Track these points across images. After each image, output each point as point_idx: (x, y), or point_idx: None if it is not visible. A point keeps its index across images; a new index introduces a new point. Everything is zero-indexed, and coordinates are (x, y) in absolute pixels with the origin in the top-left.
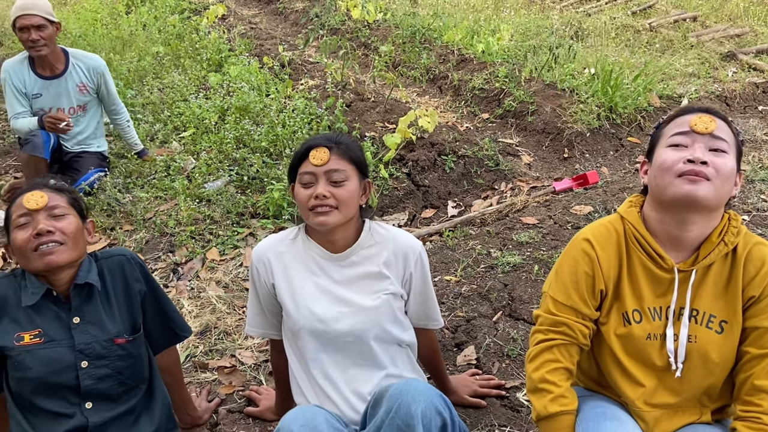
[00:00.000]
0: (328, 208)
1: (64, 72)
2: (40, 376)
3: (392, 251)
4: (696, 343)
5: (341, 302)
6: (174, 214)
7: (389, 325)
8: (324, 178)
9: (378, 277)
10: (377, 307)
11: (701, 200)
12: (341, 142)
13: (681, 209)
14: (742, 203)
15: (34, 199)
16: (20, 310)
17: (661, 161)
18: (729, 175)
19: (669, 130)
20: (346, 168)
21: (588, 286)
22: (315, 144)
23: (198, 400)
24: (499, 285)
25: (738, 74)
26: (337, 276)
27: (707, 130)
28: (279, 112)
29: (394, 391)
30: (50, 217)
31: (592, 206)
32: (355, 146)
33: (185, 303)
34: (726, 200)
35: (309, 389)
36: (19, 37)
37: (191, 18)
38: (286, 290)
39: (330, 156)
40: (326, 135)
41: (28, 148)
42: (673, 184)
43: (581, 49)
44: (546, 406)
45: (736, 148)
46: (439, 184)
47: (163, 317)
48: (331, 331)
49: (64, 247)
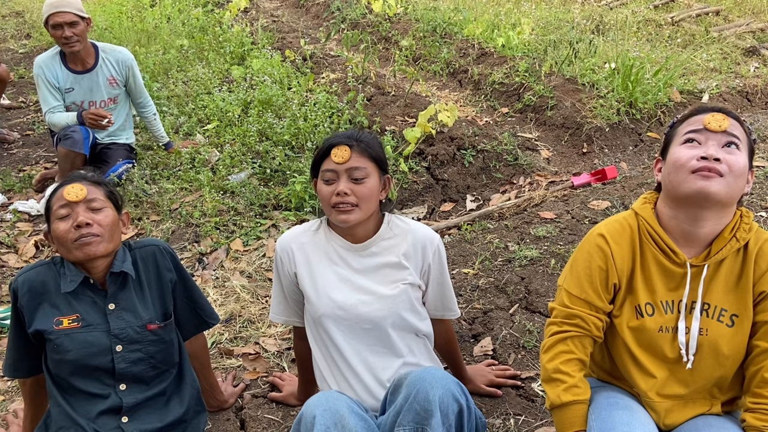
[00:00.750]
0: (349, 206)
1: (95, 66)
2: (78, 359)
3: (411, 243)
4: (707, 336)
5: (360, 290)
6: (199, 206)
7: (406, 313)
8: (345, 176)
9: (397, 267)
10: (395, 296)
11: (714, 195)
12: (361, 140)
13: (694, 205)
14: (761, 200)
15: (75, 192)
16: (59, 296)
17: (675, 158)
18: (741, 171)
19: (683, 129)
20: (366, 165)
21: (602, 280)
22: (336, 142)
23: (224, 384)
24: (516, 278)
25: (760, 69)
26: (357, 265)
27: (721, 128)
28: (301, 106)
29: (412, 378)
30: (89, 210)
31: (610, 201)
32: (375, 143)
33: (211, 292)
34: (738, 197)
35: (330, 376)
36: (52, 34)
37: (214, 11)
38: (308, 279)
39: (351, 154)
40: (347, 132)
41: (67, 143)
42: (687, 180)
43: (602, 43)
44: (559, 396)
45: (748, 146)
46: (458, 178)
47: (192, 305)
48: (351, 318)
49: (100, 238)
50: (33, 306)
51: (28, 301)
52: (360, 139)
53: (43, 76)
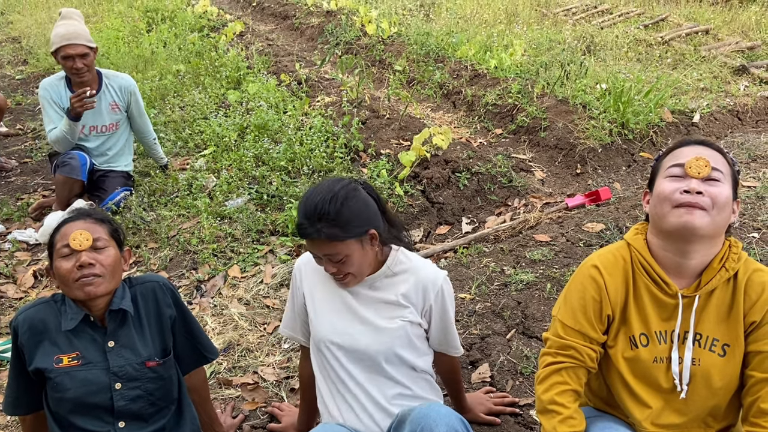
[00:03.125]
0: (343, 276)
1: (98, 92)
2: (78, 397)
3: (413, 284)
4: (700, 366)
5: (360, 320)
6: (197, 232)
7: (402, 350)
8: (327, 260)
9: (396, 305)
10: (392, 330)
11: (698, 230)
12: (324, 228)
13: (680, 239)
14: (752, 220)
15: (80, 240)
16: (60, 334)
17: (660, 191)
18: (725, 203)
19: (667, 162)
20: (343, 247)
21: (595, 311)
22: (305, 234)
23: (223, 416)
24: (512, 303)
25: (750, 88)
26: (359, 296)
27: (700, 175)
28: (297, 130)
29: (417, 415)
30: (92, 249)
31: (604, 224)
32: (343, 218)
33: (209, 320)
34: (724, 228)
35: (330, 398)
36: (63, 64)
37: (210, 36)
38: (313, 301)
39: (320, 246)
40: (312, 218)
41: (65, 170)
42: (672, 214)
43: (593, 63)
44: (555, 427)
45: (731, 177)
46: (453, 201)
47: (192, 341)
48: (347, 346)
49: (102, 279)
50: (33, 344)
51: (28, 339)
52: (321, 229)
53: (48, 97)
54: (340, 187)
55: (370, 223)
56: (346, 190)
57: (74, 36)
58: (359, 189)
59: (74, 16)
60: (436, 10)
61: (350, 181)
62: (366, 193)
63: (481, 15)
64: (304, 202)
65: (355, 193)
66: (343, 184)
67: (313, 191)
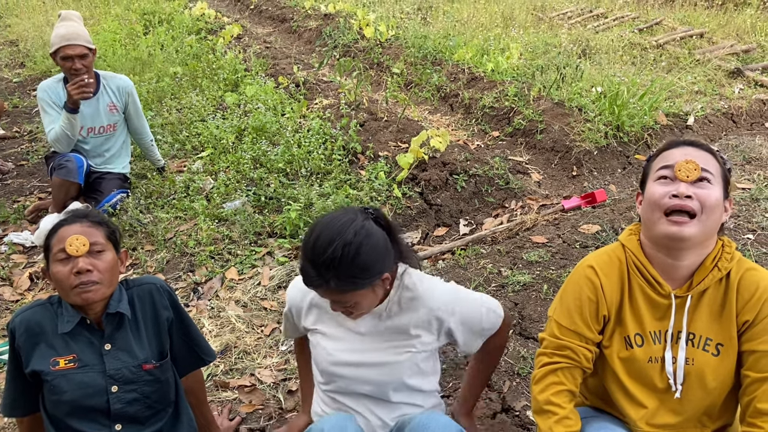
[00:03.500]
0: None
1: (96, 93)
2: (74, 400)
3: (425, 315)
4: (693, 365)
5: (364, 352)
6: (194, 234)
7: (410, 379)
8: (338, 305)
9: (405, 334)
10: (401, 363)
11: (688, 239)
12: (334, 280)
13: (670, 246)
14: (747, 222)
15: (77, 245)
16: (56, 337)
17: (649, 195)
18: (714, 206)
19: (657, 164)
20: (352, 296)
21: (591, 311)
22: (312, 284)
23: (220, 418)
24: (509, 304)
25: (744, 91)
26: (368, 326)
27: (689, 179)
28: (294, 132)
29: (416, 424)
30: (89, 254)
31: (600, 225)
32: (356, 270)
33: (206, 322)
34: (716, 229)
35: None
36: (62, 65)
37: (207, 38)
38: (315, 331)
39: (328, 293)
40: (320, 267)
41: (62, 172)
42: (661, 224)
43: (588, 67)
44: (551, 428)
45: (722, 177)
46: (450, 203)
47: (189, 343)
48: (351, 377)
49: (100, 284)
50: (30, 346)
51: (25, 341)
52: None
53: (47, 99)
54: (353, 231)
55: (384, 268)
56: (360, 236)
57: (74, 36)
58: (371, 228)
59: (73, 18)
60: (434, 13)
61: (362, 219)
62: (378, 228)
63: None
64: (311, 246)
65: (368, 239)
66: (356, 227)
67: (320, 232)
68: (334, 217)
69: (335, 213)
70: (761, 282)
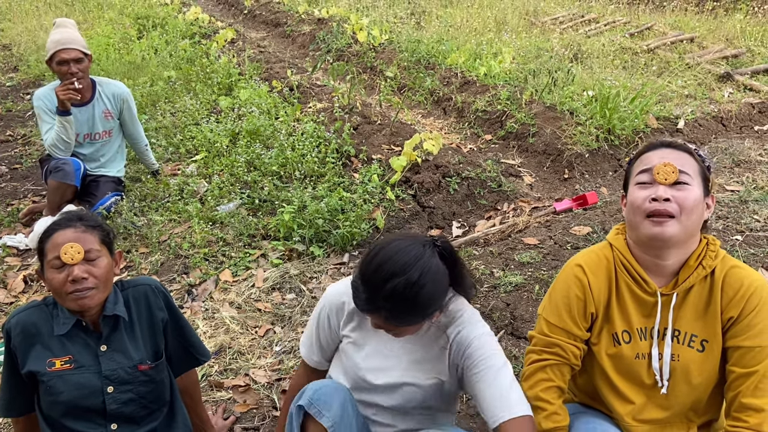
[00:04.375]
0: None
1: (92, 99)
2: (70, 400)
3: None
4: (679, 361)
5: (400, 371)
6: (188, 237)
7: (435, 401)
8: (383, 328)
9: (436, 359)
10: (428, 387)
11: (669, 239)
12: (388, 310)
13: (653, 247)
14: (736, 223)
15: (71, 253)
16: (52, 338)
17: (631, 201)
18: (693, 206)
19: (636, 168)
20: (402, 329)
21: (579, 309)
22: (363, 307)
23: (214, 418)
24: (501, 304)
25: (734, 95)
26: (402, 343)
27: (667, 182)
28: (288, 136)
29: None
30: (84, 261)
31: (591, 227)
32: (414, 308)
33: (200, 324)
34: (698, 227)
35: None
36: (57, 70)
37: (201, 42)
38: (350, 340)
39: (378, 319)
40: (377, 294)
41: (59, 175)
42: (643, 225)
43: (580, 71)
44: (540, 423)
45: (701, 175)
46: (443, 205)
47: (184, 344)
48: (382, 384)
49: (95, 290)
50: (26, 347)
51: (20, 342)
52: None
53: (43, 107)
54: (419, 271)
55: (439, 306)
56: (425, 278)
57: (69, 41)
58: (437, 267)
59: (68, 25)
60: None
61: (429, 255)
62: (442, 266)
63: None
64: (371, 272)
65: (433, 280)
66: (422, 266)
67: (384, 261)
68: (401, 248)
69: (402, 241)
70: (745, 279)
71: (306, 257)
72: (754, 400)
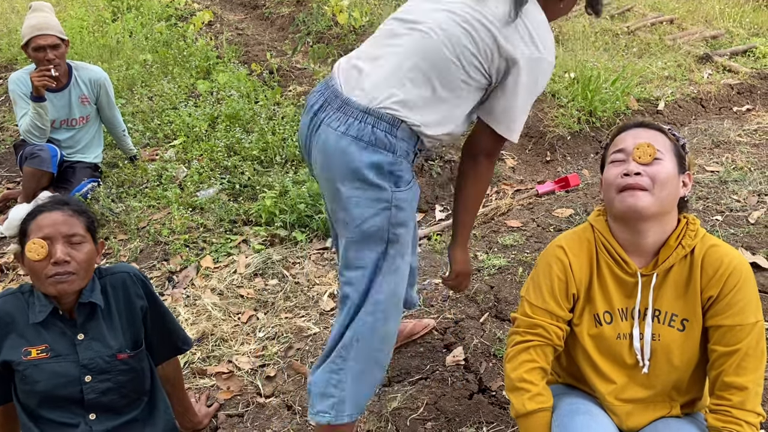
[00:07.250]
0: None
1: (68, 85)
2: (47, 390)
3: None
4: (660, 341)
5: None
6: (167, 223)
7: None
8: None
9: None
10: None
11: (643, 210)
12: None
13: (630, 220)
14: (716, 204)
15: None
16: (28, 327)
17: (605, 178)
18: (666, 179)
19: (611, 149)
20: None
21: (561, 290)
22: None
23: (198, 405)
24: (485, 287)
25: (713, 76)
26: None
27: (644, 160)
28: (269, 120)
29: None
30: (68, 244)
31: (573, 209)
32: None
33: (181, 311)
34: (674, 203)
35: None
36: (34, 56)
37: (178, 25)
38: None
39: None
40: None
41: (35, 162)
42: (616, 200)
43: (562, 53)
44: (524, 404)
45: (674, 151)
46: (426, 189)
47: (164, 331)
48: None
49: (76, 276)
50: (1, 336)
51: None
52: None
53: (18, 91)
54: None
55: None
56: None
57: (45, 26)
58: None
59: (45, 9)
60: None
61: None
62: None
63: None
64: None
65: None
66: None
67: None
68: None
69: None
70: (724, 258)
71: (288, 242)
72: (736, 378)
